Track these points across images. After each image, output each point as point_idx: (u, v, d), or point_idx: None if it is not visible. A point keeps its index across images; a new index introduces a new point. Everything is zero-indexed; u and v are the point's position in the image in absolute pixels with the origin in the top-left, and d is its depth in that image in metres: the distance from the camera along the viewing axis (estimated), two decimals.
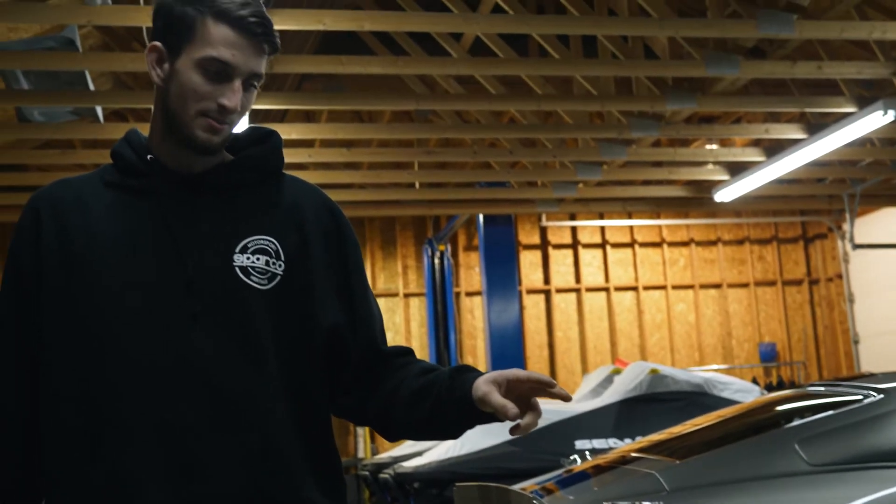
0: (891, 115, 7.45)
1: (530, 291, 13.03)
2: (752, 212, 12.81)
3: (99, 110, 7.18)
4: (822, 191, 11.14)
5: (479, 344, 12.74)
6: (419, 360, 1.85)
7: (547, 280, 13.17)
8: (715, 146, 10.49)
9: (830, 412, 3.52)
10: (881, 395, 3.55)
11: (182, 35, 1.71)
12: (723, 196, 10.16)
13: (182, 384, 1.65)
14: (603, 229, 13.32)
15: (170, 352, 1.66)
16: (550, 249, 13.22)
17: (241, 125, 1.85)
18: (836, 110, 7.97)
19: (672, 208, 11.85)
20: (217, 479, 1.64)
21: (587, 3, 7.55)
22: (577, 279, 13.24)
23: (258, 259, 1.74)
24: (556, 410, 7.89)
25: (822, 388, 4.07)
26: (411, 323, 12.79)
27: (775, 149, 9.11)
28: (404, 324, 12.76)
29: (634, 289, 13.35)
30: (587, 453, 4.85)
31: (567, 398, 1.67)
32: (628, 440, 7.54)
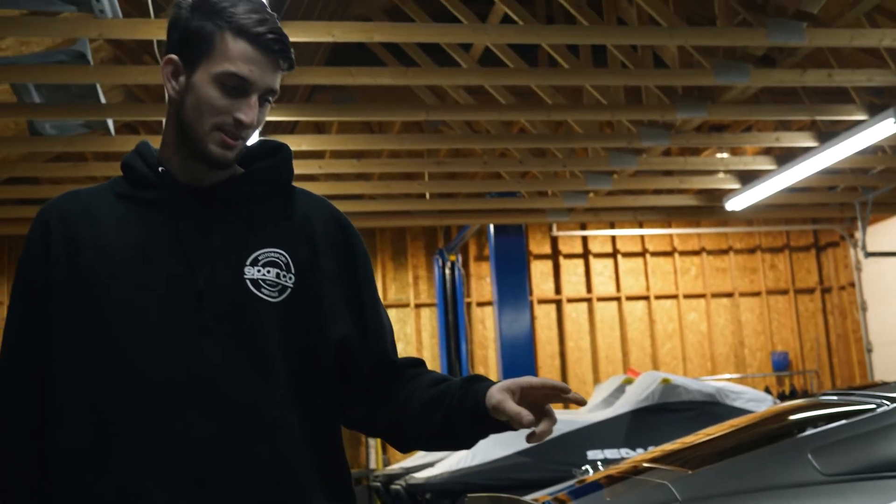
0: None
1: (541, 301, 13.02)
2: (763, 220, 12.79)
3: (110, 123, 7.20)
4: (833, 199, 11.11)
5: (491, 354, 12.73)
6: (430, 370, 1.85)
7: (558, 290, 13.15)
8: (725, 155, 10.47)
9: (844, 421, 3.50)
10: (895, 405, 3.53)
11: (199, 49, 1.71)
12: (734, 205, 10.14)
13: (192, 395, 1.65)
14: (614, 239, 13.30)
15: (180, 363, 1.66)
16: (561, 259, 13.21)
17: (252, 137, 1.85)
18: (847, 118, 7.96)
19: (683, 217, 11.83)
20: (227, 490, 1.63)
21: (597, 12, 7.55)
22: (589, 289, 13.22)
23: (269, 272, 1.74)
24: (568, 420, 7.88)
25: (836, 397, 4.05)
26: (422, 333, 12.79)
27: (786, 157, 9.09)
28: (415, 334, 12.75)
29: (646, 298, 13.33)
30: (599, 464, 4.83)
31: (582, 402, 1.68)
32: (640, 450, 7.51)
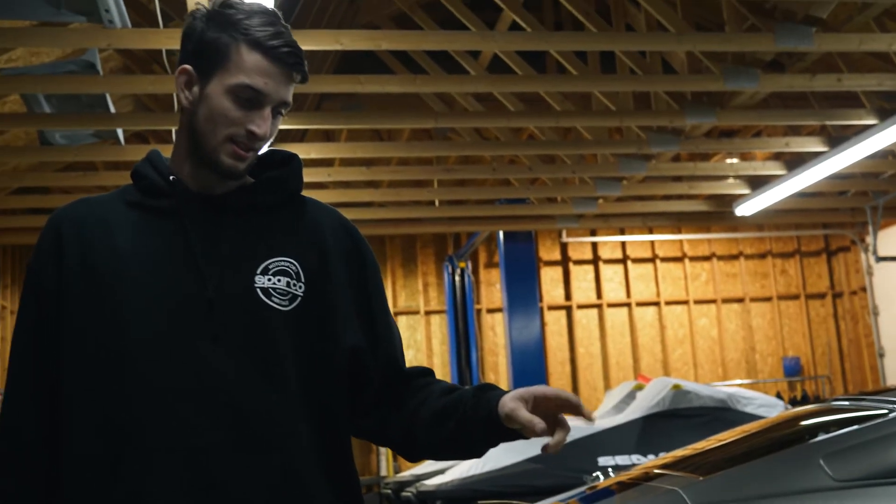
0: None
1: (551, 307, 13.01)
2: (774, 225, 12.75)
3: (120, 132, 7.23)
4: (844, 203, 11.09)
5: (501, 361, 12.72)
6: (439, 380, 1.86)
7: (568, 296, 13.14)
8: (735, 160, 10.45)
9: (856, 427, 3.49)
10: None
11: (214, 60, 1.72)
12: (744, 210, 10.12)
13: (202, 404, 1.65)
14: (624, 244, 13.29)
15: (190, 372, 1.66)
16: (571, 265, 13.20)
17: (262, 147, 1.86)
18: (857, 122, 7.94)
19: (693, 223, 11.81)
20: (237, 499, 1.64)
21: (605, 19, 7.55)
22: (599, 295, 13.21)
23: (279, 280, 1.74)
24: (579, 427, 7.86)
25: (847, 403, 4.04)
26: (432, 340, 12.78)
27: (796, 162, 9.07)
28: (425, 341, 12.75)
29: (656, 304, 13.30)
30: (610, 470, 4.83)
31: (591, 419, 1.68)
32: (651, 456, 7.50)
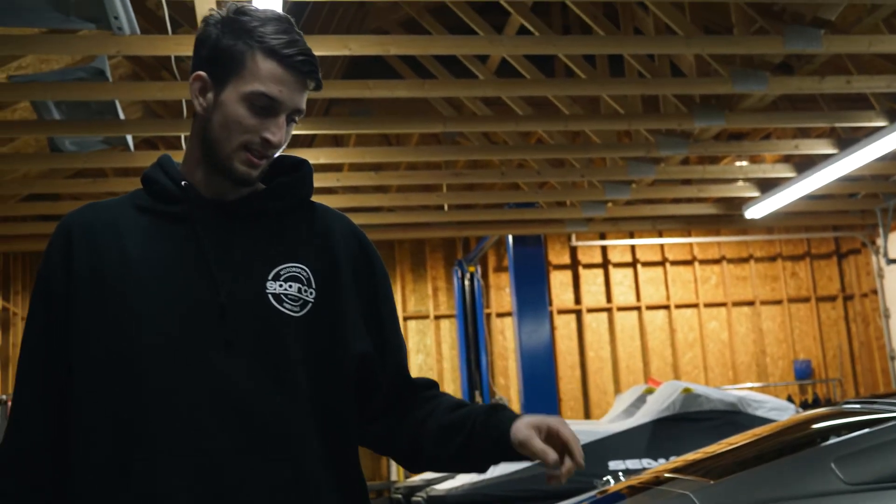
0: None
1: (561, 311, 13.00)
2: (783, 228, 12.73)
3: (129, 139, 7.25)
4: (854, 206, 11.05)
5: (511, 365, 12.71)
6: (445, 393, 1.88)
7: (578, 300, 13.13)
8: (744, 163, 10.42)
9: (867, 430, 3.48)
10: None
11: (229, 67, 1.72)
12: (754, 213, 10.10)
13: (213, 410, 1.65)
14: (633, 248, 13.27)
15: (201, 378, 1.66)
16: (581, 269, 13.19)
17: None
18: (867, 125, 7.91)
19: (703, 226, 11.79)
20: (247, 503, 1.64)
21: (613, 22, 7.55)
22: (609, 298, 13.19)
23: (290, 286, 1.75)
24: (589, 431, 7.85)
25: (859, 406, 4.02)
26: (442, 345, 12.78)
27: (806, 164, 9.05)
28: (435, 346, 12.74)
29: (666, 307, 13.28)
30: (620, 474, 4.81)
31: (573, 472, 1.68)
32: (662, 460, 7.48)
